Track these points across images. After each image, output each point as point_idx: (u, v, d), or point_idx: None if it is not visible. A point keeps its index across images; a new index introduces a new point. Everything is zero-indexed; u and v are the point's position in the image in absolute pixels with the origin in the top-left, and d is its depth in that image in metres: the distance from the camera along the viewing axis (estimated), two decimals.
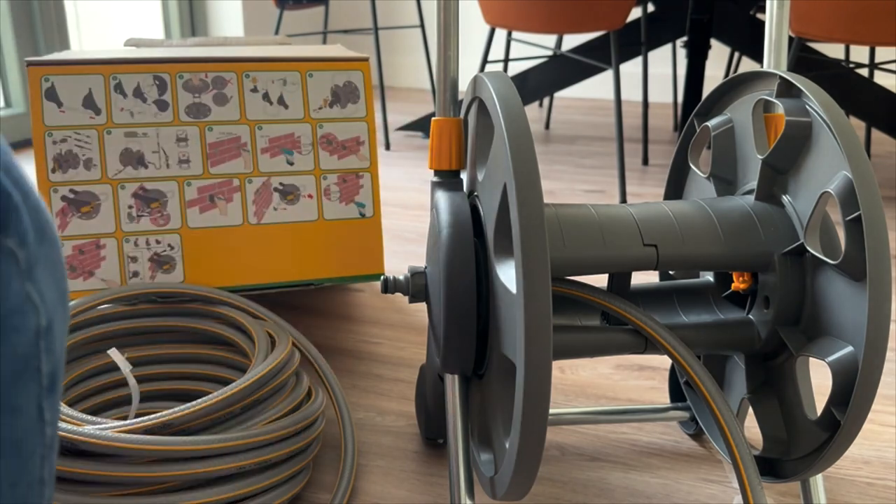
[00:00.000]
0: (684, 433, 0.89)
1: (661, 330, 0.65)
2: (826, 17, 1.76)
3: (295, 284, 1.02)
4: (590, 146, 2.39)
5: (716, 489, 0.79)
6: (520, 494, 0.60)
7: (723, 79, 0.76)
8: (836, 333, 0.62)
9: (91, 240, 0.96)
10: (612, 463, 0.84)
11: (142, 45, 1.35)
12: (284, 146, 1.02)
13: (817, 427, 0.64)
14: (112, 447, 0.65)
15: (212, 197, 1.00)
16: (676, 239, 0.65)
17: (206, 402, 0.71)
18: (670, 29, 2.28)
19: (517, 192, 0.54)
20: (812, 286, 0.65)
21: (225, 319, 0.89)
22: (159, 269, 0.98)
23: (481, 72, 0.68)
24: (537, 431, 0.54)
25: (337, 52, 1.13)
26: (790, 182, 0.67)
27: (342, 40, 3.08)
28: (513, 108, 0.58)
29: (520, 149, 0.56)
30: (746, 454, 0.61)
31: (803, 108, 0.64)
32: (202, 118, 1.00)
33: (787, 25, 0.75)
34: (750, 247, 0.66)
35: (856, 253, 0.58)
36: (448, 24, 0.72)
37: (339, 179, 1.04)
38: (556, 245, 0.63)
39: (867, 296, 0.57)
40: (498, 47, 2.33)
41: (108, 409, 0.85)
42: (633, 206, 0.68)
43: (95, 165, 0.97)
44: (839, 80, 2.10)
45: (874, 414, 0.93)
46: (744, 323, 0.69)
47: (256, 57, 1.04)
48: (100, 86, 0.97)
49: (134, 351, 0.87)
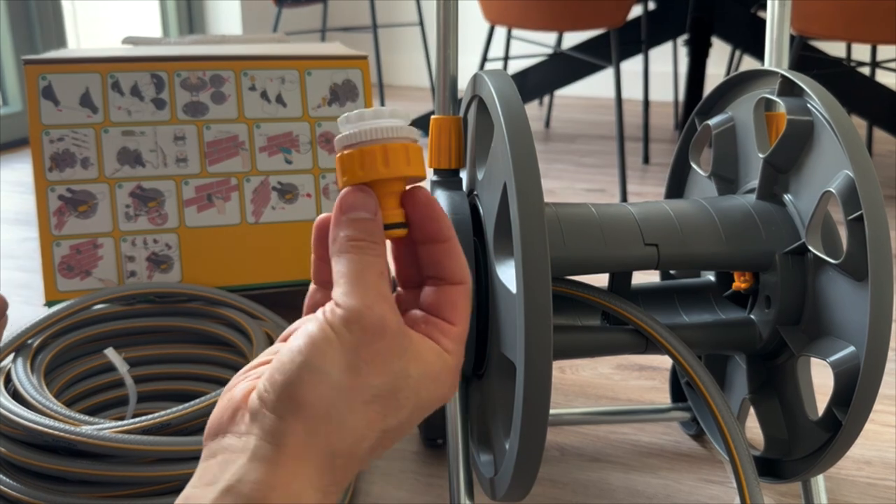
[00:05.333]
0: (685, 434, 0.89)
1: (662, 330, 0.65)
2: (828, 16, 1.75)
3: (293, 284, 1.02)
4: (590, 145, 2.39)
5: (717, 490, 0.79)
6: (520, 495, 0.60)
7: (724, 77, 0.75)
8: (837, 333, 0.62)
9: (88, 239, 0.96)
10: (612, 463, 0.83)
11: (139, 43, 1.34)
12: (283, 145, 1.02)
13: (818, 427, 0.63)
14: (109, 447, 0.65)
15: (210, 196, 0.99)
16: (677, 238, 0.65)
17: (203, 403, 0.70)
18: (671, 27, 2.27)
19: (517, 191, 0.54)
20: (813, 286, 0.64)
21: (223, 319, 0.88)
22: (157, 269, 0.97)
23: (481, 70, 0.68)
24: (537, 432, 0.54)
25: (336, 50, 1.12)
26: (792, 181, 0.67)
27: (341, 38, 3.07)
28: (513, 106, 0.58)
29: (520, 147, 0.55)
30: (745, 454, 0.61)
31: (805, 106, 0.64)
32: (200, 116, 0.99)
33: (789, 24, 0.75)
34: (751, 246, 0.66)
35: (857, 252, 0.58)
36: (447, 22, 0.72)
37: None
38: (556, 245, 0.63)
39: (869, 296, 0.57)
40: (497, 45, 2.32)
41: (106, 410, 0.85)
42: (633, 206, 0.68)
43: (92, 164, 0.96)
44: (841, 78, 2.09)
45: (875, 414, 0.93)
46: (745, 323, 0.69)
47: (254, 55, 1.03)
48: (97, 84, 0.97)
49: (131, 351, 0.86)
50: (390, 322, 0.34)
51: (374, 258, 0.35)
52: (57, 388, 0.80)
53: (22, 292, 1.23)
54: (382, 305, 0.34)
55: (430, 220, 0.38)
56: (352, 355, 0.33)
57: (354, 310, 0.33)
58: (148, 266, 0.97)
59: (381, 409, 0.33)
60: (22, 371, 0.76)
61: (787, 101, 0.65)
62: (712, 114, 0.77)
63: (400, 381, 0.34)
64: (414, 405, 0.35)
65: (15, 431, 0.67)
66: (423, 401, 0.35)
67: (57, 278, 0.95)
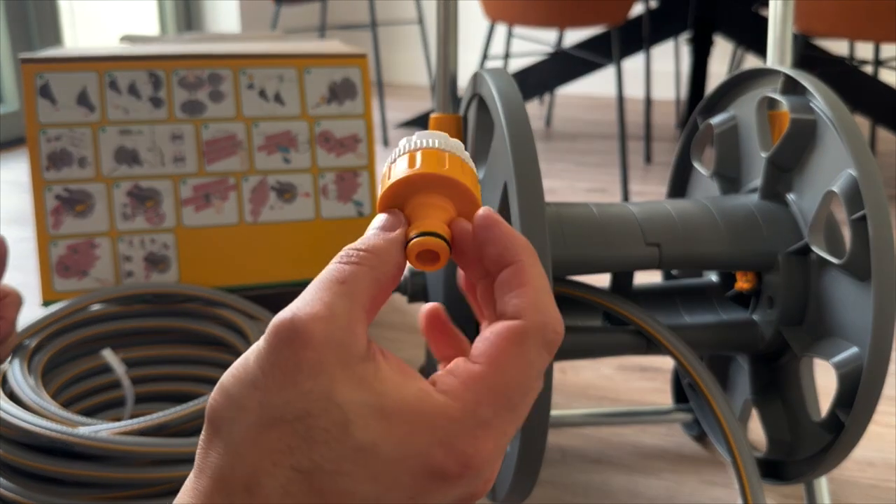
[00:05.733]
0: (687, 435, 0.88)
1: (664, 331, 0.64)
2: (831, 14, 1.75)
3: (292, 284, 1.01)
4: (591, 144, 2.38)
5: (719, 492, 0.79)
6: (521, 497, 0.60)
7: (726, 75, 0.75)
8: (840, 334, 0.61)
9: (85, 239, 0.95)
10: (614, 465, 0.83)
11: (137, 41, 1.34)
12: (281, 144, 1.01)
13: (821, 429, 0.63)
14: (107, 449, 0.64)
15: (207, 195, 0.99)
16: (679, 238, 0.64)
17: (200, 404, 0.70)
18: (673, 24, 2.27)
19: (518, 190, 0.53)
20: (816, 286, 0.64)
21: (220, 320, 0.88)
22: (154, 269, 0.97)
23: (481, 68, 0.67)
24: (538, 434, 0.54)
25: (334, 49, 1.12)
26: (795, 180, 0.66)
27: (340, 36, 3.07)
28: (514, 105, 0.57)
29: (520, 147, 0.55)
30: (747, 456, 0.60)
31: (808, 105, 0.63)
32: (198, 115, 0.99)
33: (792, 22, 0.74)
34: (754, 246, 0.65)
35: (861, 252, 0.57)
36: (447, 20, 0.71)
37: (337, 177, 1.03)
38: (557, 244, 0.62)
39: (872, 296, 0.56)
40: (498, 43, 2.31)
41: (103, 411, 0.84)
42: (635, 205, 0.67)
43: (90, 163, 0.96)
44: (843, 77, 2.08)
45: (878, 415, 0.92)
46: (747, 323, 0.68)
47: (253, 53, 1.03)
48: (94, 83, 0.96)
49: (128, 352, 0.86)
50: (312, 329, 0.26)
51: (345, 266, 0.28)
52: (54, 388, 0.80)
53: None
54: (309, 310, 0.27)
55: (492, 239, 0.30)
56: (255, 367, 0.26)
57: (277, 316, 0.27)
58: (145, 266, 0.97)
59: (284, 437, 0.25)
60: (19, 372, 0.75)
61: (790, 99, 0.64)
62: (714, 112, 0.77)
63: (317, 405, 0.25)
64: (345, 446, 0.25)
65: (11, 433, 0.67)
66: (363, 444, 0.25)
67: (54, 278, 0.94)
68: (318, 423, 0.25)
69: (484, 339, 0.28)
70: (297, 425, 0.25)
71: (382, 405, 0.26)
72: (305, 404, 0.25)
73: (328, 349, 0.26)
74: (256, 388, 0.26)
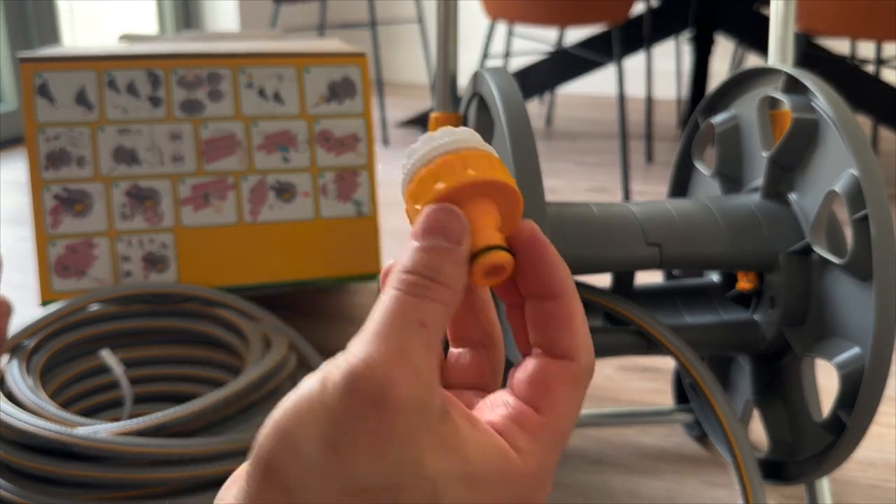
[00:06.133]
0: (688, 436, 0.88)
1: (665, 331, 0.64)
2: (832, 13, 1.74)
3: (291, 284, 1.01)
4: (592, 143, 2.38)
5: (720, 493, 0.78)
6: None
7: (728, 74, 0.75)
8: (842, 334, 0.61)
9: (83, 239, 0.95)
10: (614, 466, 0.82)
11: (136, 40, 1.33)
12: (280, 143, 1.01)
13: (823, 429, 0.63)
14: (105, 449, 0.64)
15: (206, 195, 0.98)
16: (680, 238, 0.64)
17: (199, 405, 0.70)
18: (674, 23, 2.26)
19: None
20: (818, 286, 0.63)
21: (219, 320, 0.88)
22: (153, 269, 0.97)
23: (481, 67, 0.67)
24: None
25: (334, 47, 1.11)
26: (796, 180, 0.66)
27: (339, 35, 3.07)
28: (514, 104, 0.57)
29: (521, 146, 0.54)
30: (749, 456, 0.60)
31: (809, 104, 0.63)
32: (196, 114, 0.99)
33: (793, 21, 0.74)
34: (755, 246, 0.65)
35: (863, 252, 0.57)
36: (447, 18, 0.71)
37: (336, 177, 1.03)
38: (557, 244, 0.62)
39: (874, 296, 0.56)
40: (498, 42, 2.31)
41: (101, 411, 0.84)
42: (636, 205, 0.67)
43: (88, 163, 0.96)
44: (845, 76, 2.08)
45: (879, 416, 0.91)
46: (748, 323, 0.68)
47: (252, 52, 1.02)
48: (93, 82, 0.96)
49: (127, 352, 0.86)
50: (401, 392, 0.24)
51: (423, 302, 0.26)
52: (52, 389, 0.80)
53: (17, 293, 1.22)
54: (396, 366, 0.25)
55: (537, 263, 0.28)
56: (333, 427, 0.24)
57: (353, 366, 0.25)
58: (144, 266, 0.96)
59: None
60: (17, 372, 0.75)
61: (792, 98, 0.64)
62: (716, 112, 0.76)
63: (405, 476, 0.24)
64: None
65: (10, 433, 0.66)
66: None
67: (52, 278, 0.94)
68: (407, 496, 0.24)
69: (538, 379, 0.28)
70: (384, 496, 0.24)
71: (468, 472, 0.25)
72: (395, 478, 0.24)
73: (415, 414, 0.25)
74: (338, 452, 0.24)
